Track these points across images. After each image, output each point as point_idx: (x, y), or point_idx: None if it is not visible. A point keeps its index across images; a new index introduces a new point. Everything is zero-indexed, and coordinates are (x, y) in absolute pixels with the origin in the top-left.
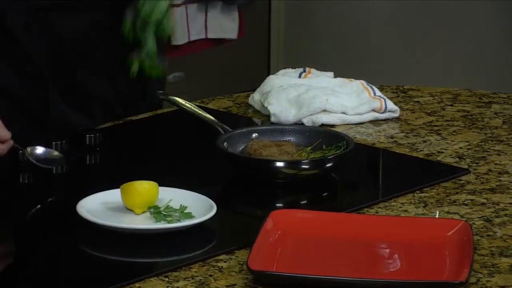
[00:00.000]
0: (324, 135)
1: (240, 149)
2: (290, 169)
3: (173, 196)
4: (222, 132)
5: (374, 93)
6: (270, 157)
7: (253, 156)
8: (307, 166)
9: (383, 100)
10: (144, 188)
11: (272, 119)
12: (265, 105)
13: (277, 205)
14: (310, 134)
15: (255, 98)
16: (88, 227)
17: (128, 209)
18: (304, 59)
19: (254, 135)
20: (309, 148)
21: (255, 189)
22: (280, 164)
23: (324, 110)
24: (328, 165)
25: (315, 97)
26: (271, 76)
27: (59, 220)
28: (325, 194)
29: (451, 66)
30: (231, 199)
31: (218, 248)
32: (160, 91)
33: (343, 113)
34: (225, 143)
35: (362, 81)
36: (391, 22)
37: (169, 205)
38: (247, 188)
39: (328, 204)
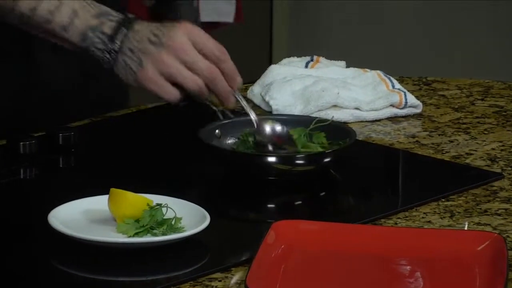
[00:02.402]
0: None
1: (233, 141)
2: (285, 165)
3: None
4: (221, 118)
5: (393, 86)
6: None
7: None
8: (301, 161)
9: (403, 93)
10: (137, 201)
11: None
12: (267, 99)
13: (281, 213)
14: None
15: (255, 91)
16: (62, 240)
17: (108, 220)
18: (311, 46)
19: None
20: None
21: (256, 195)
22: (274, 159)
23: (335, 105)
24: (326, 160)
25: (324, 90)
26: (273, 66)
27: (28, 233)
28: (337, 202)
29: (482, 55)
30: (228, 208)
31: (212, 264)
32: None
33: (357, 108)
34: (217, 131)
35: (378, 71)
36: (412, 4)
37: None
38: (247, 195)
39: (339, 214)
